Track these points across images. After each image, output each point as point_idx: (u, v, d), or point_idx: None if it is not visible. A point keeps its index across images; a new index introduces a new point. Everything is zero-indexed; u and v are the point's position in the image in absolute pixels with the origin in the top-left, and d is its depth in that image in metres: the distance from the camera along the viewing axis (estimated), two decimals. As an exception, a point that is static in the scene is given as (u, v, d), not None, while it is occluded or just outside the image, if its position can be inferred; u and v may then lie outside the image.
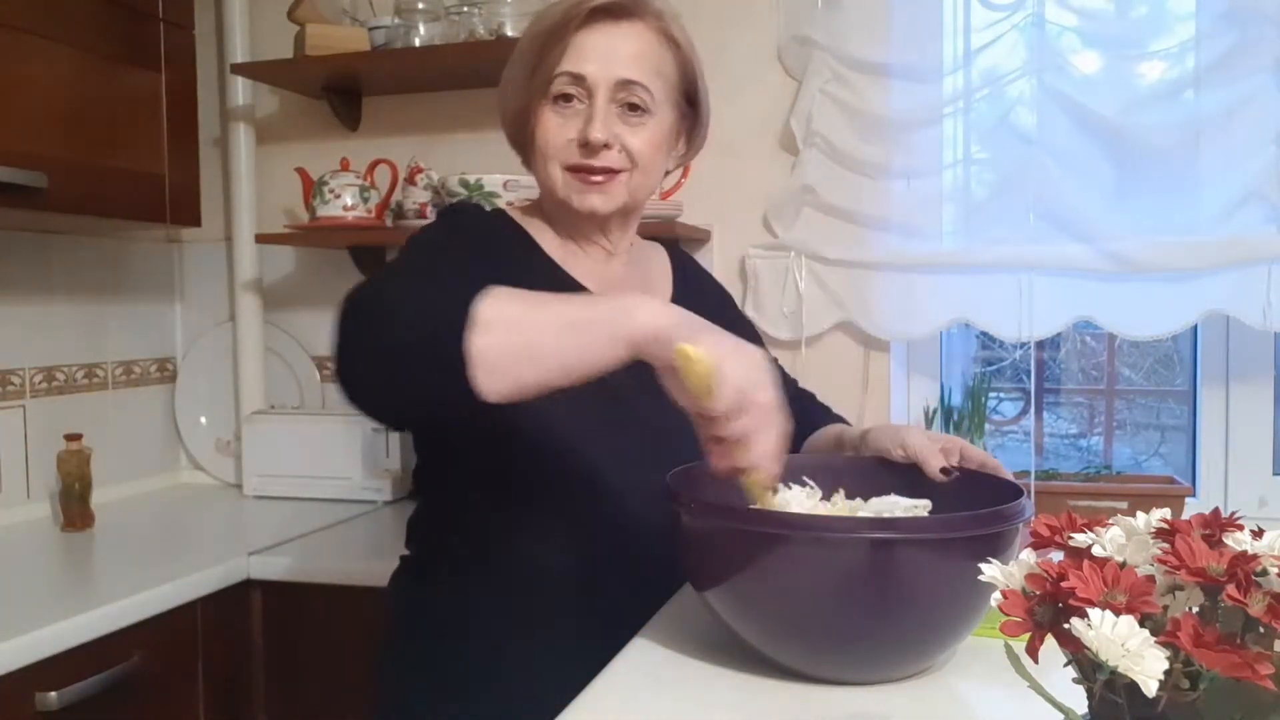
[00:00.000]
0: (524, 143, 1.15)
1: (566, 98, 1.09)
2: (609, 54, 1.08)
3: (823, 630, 0.88)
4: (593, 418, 1.08)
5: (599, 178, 1.10)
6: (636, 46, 1.10)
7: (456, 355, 0.81)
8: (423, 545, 1.21)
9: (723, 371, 0.80)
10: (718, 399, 0.81)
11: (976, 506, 0.90)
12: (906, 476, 1.11)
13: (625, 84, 1.09)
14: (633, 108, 1.10)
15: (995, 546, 0.86)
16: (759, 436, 0.83)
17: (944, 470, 1.10)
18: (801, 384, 1.46)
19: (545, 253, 1.17)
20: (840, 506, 1.06)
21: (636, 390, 0.88)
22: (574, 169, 1.10)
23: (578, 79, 1.08)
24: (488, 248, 1.12)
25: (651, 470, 1.03)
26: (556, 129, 1.09)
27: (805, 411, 1.38)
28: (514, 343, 0.82)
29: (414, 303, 0.86)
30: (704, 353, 0.80)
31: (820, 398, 1.45)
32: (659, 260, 1.32)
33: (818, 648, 0.89)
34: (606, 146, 1.09)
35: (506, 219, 1.20)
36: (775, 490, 0.94)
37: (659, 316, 0.84)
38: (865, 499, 1.08)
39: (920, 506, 1.04)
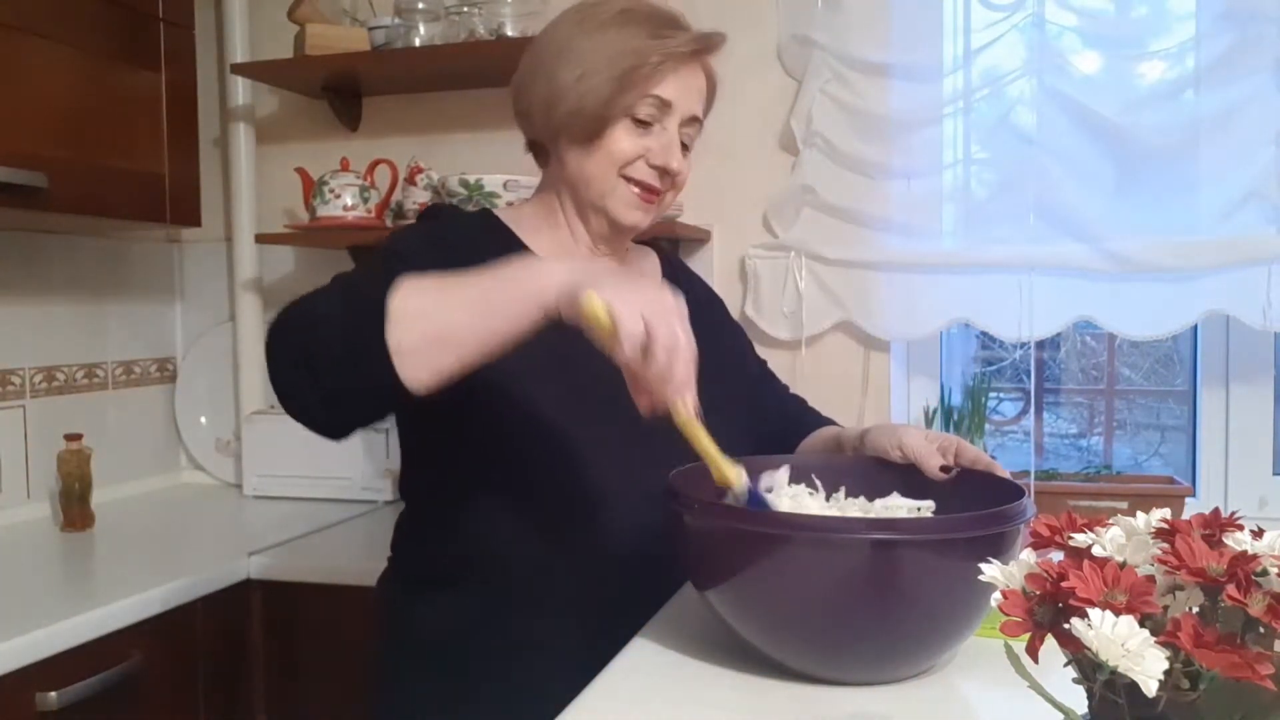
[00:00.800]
0: (572, 138, 1.13)
1: (645, 120, 1.12)
2: (691, 89, 1.15)
3: (823, 631, 0.88)
4: (577, 416, 1.08)
5: (654, 197, 1.16)
6: (701, 86, 1.18)
7: (376, 350, 0.84)
8: (409, 548, 1.21)
9: (618, 313, 0.82)
10: (621, 340, 0.82)
11: (977, 506, 0.90)
12: (906, 477, 1.11)
13: (693, 120, 1.16)
14: (683, 144, 1.16)
15: (996, 547, 0.86)
16: (669, 368, 0.84)
17: (943, 469, 1.10)
18: (801, 384, 1.46)
19: (535, 254, 1.17)
20: (845, 506, 1.06)
21: (621, 386, 0.88)
22: (635, 182, 1.14)
23: (665, 105, 1.13)
24: (469, 250, 1.11)
25: (639, 468, 1.03)
26: (631, 144, 1.12)
27: (798, 417, 1.38)
28: (427, 330, 0.85)
29: (328, 310, 0.89)
30: (602, 299, 0.82)
31: (820, 398, 1.45)
32: (650, 265, 1.33)
33: (818, 648, 0.89)
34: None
35: (493, 220, 1.19)
36: (700, 421, 0.92)
37: (563, 274, 0.85)
38: (868, 499, 1.08)
39: (924, 508, 1.04)
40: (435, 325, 0.85)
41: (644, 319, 0.82)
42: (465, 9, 1.97)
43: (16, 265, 1.97)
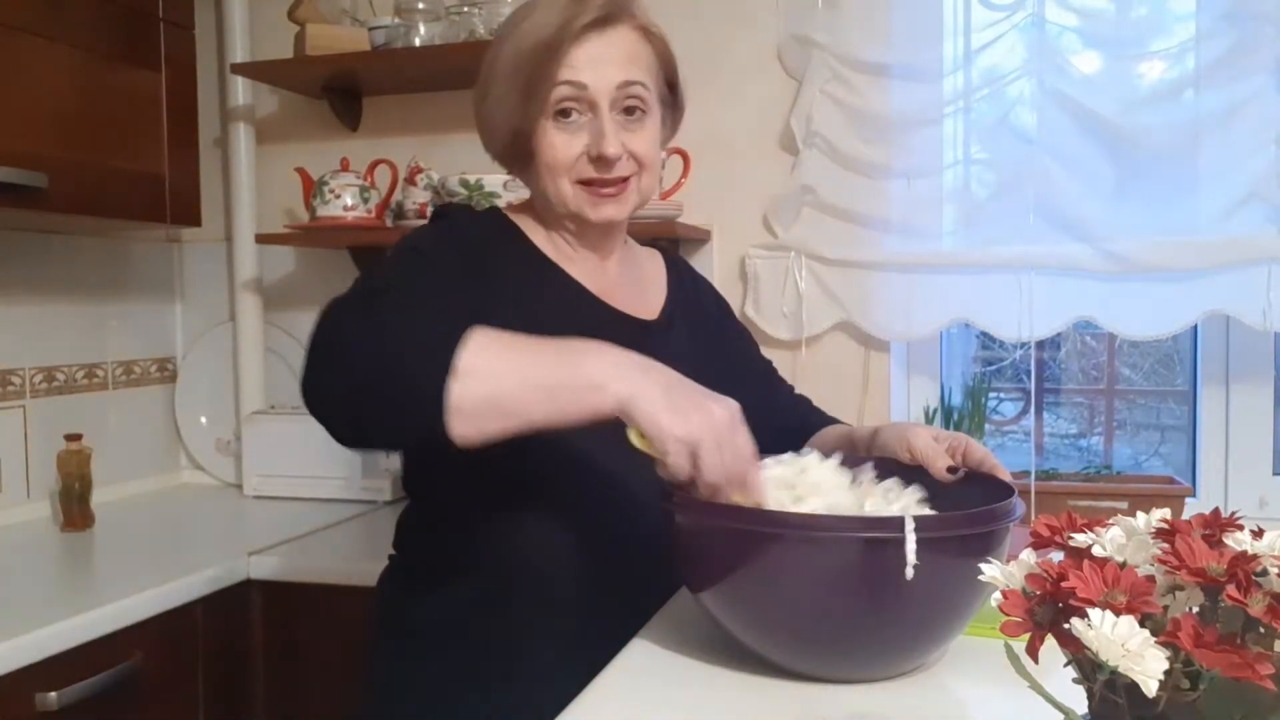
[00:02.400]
0: (520, 158, 1.13)
1: (566, 112, 1.09)
2: (604, 62, 1.08)
3: (814, 629, 0.88)
4: None
5: (612, 189, 1.11)
6: (626, 50, 1.11)
7: (432, 398, 0.83)
8: (411, 547, 1.21)
9: (669, 457, 0.86)
10: (672, 475, 0.87)
11: (970, 506, 0.91)
12: (914, 476, 1.11)
13: (625, 85, 1.09)
14: (630, 111, 1.11)
15: (985, 545, 0.87)
16: (719, 485, 0.88)
17: (950, 469, 1.10)
18: (801, 384, 1.46)
19: (543, 253, 1.17)
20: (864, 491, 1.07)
21: None
22: (587, 183, 1.11)
23: (579, 87, 1.08)
24: (483, 249, 1.12)
25: (646, 467, 1.02)
26: (563, 145, 1.09)
27: (804, 417, 1.38)
28: (489, 395, 0.85)
29: (394, 336, 0.87)
30: (653, 437, 0.86)
31: (820, 398, 1.44)
32: (654, 266, 1.32)
33: (809, 646, 0.90)
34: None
35: (501, 218, 1.19)
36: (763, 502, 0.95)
37: (628, 388, 0.86)
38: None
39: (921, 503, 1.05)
40: (498, 393, 0.85)
41: (691, 449, 0.86)
42: (465, 9, 1.97)
43: (16, 265, 1.97)
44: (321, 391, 0.89)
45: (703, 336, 1.28)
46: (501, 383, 0.85)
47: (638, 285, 1.26)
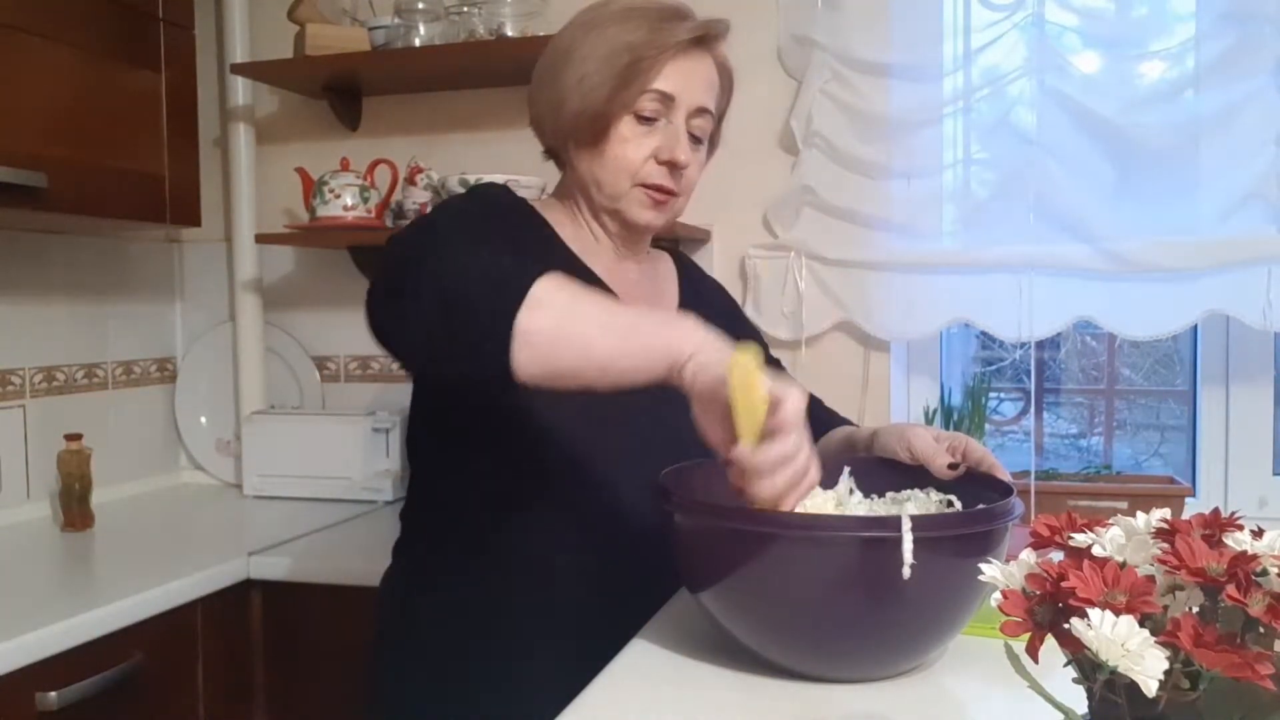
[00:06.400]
0: (582, 139, 1.14)
1: (648, 118, 1.12)
2: (694, 81, 1.13)
3: (813, 628, 0.88)
4: (593, 411, 1.07)
5: (664, 197, 1.14)
6: (709, 77, 1.16)
7: (504, 326, 0.82)
8: (414, 547, 1.21)
9: (779, 389, 0.80)
10: (780, 415, 0.80)
11: (969, 506, 0.91)
12: (915, 476, 1.12)
13: (700, 111, 1.14)
14: (693, 138, 1.15)
15: (984, 545, 0.87)
16: (785, 468, 0.81)
17: (951, 466, 1.10)
18: (802, 384, 1.46)
19: (569, 247, 1.18)
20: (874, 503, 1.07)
21: (636, 394, 0.88)
22: (648, 186, 1.13)
23: (668, 98, 1.11)
24: (515, 228, 1.13)
25: (652, 466, 1.03)
26: (637, 145, 1.12)
27: (815, 416, 1.38)
28: (560, 328, 0.83)
29: (472, 265, 0.86)
30: (763, 379, 0.79)
31: (821, 397, 1.45)
32: (666, 266, 1.34)
33: (809, 646, 0.90)
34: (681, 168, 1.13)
35: (528, 206, 1.20)
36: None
37: (703, 340, 0.84)
38: (881, 495, 1.10)
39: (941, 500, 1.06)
40: (568, 325, 0.83)
41: (798, 411, 0.80)
42: (465, 9, 1.97)
43: (16, 265, 1.97)
44: (396, 319, 0.89)
45: None
46: (573, 316, 0.84)
47: (654, 288, 1.27)
